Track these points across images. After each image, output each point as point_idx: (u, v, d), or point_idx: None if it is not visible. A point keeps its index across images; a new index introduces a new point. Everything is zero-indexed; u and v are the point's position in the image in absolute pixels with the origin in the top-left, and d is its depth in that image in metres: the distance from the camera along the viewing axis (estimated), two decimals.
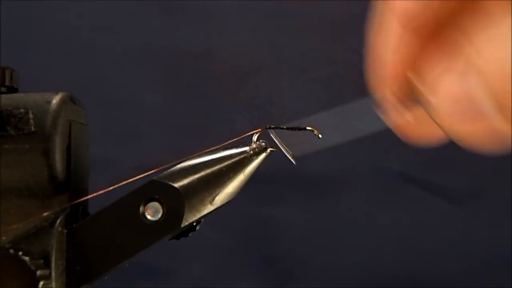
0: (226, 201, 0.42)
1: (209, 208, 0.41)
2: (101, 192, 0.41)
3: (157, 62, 1.09)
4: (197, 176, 0.40)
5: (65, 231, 0.41)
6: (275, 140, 0.38)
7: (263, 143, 0.43)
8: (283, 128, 0.42)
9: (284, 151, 0.38)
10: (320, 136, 0.41)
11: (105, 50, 1.08)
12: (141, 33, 1.09)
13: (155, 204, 0.40)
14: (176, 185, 0.40)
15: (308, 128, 0.42)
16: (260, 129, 0.42)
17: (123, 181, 0.41)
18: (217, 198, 0.41)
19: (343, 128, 0.37)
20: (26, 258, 0.39)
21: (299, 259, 1.07)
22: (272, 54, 1.09)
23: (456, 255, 1.05)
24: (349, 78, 1.09)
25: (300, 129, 0.42)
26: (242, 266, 1.07)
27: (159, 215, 0.40)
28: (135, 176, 0.41)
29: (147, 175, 0.41)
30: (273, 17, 1.09)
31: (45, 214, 0.41)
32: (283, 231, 1.07)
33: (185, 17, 1.09)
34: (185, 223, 0.40)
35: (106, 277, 0.42)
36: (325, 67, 1.09)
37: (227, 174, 0.41)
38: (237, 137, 0.42)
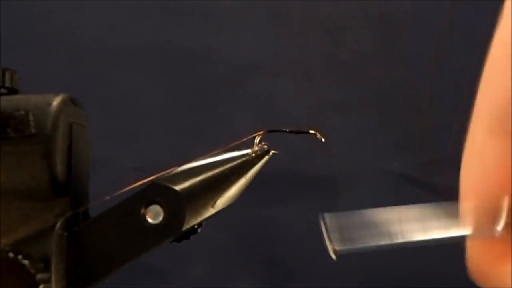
0: (227, 204, 0.41)
1: (210, 211, 0.41)
2: (105, 198, 0.41)
3: (157, 62, 1.08)
4: (198, 179, 0.40)
5: (66, 234, 0.41)
6: (323, 230, 0.35)
7: (265, 146, 0.43)
8: (285, 131, 0.42)
9: (327, 241, 0.36)
10: (323, 139, 0.41)
11: (105, 50, 1.08)
12: (141, 33, 1.08)
13: (156, 207, 0.40)
14: (177, 188, 0.40)
15: (310, 131, 0.42)
16: (262, 132, 0.42)
17: (127, 186, 0.41)
18: (218, 201, 0.41)
19: (419, 226, 0.34)
20: (26, 262, 0.39)
21: (299, 259, 1.07)
22: (272, 54, 1.09)
23: (456, 255, 1.05)
24: (349, 78, 1.09)
25: (302, 132, 0.42)
26: (242, 266, 1.07)
27: (160, 218, 0.40)
28: (138, 181, 0.40)
29: (150, 179, 0.41)
30: (273, 17, 1.09)
31: (46, 217, 0.40)
32: (283, 232, 1.07)
33: (185, 17, 1.09)
34: (186, 226, 0.40)
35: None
36: (325, 67, 1.09)
37: (229, 177, 0.41)
38: (239, 140, 0.42)
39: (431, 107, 1.07)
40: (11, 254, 0.39)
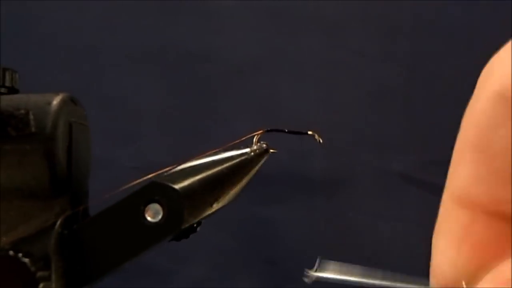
0: (226, 203, 0.41)
1: (209, 210, 0.41)
2: (104, 196, 0.41)
3: (157, 62, 1.09)
4: (197, 177, 0.40)
5: (66, 232, 0.41)
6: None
7: (264, 145, 0.43)
8: (284, 131, 0.42)
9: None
10: (321, 141, 0.41)
11: (105, 50, 1.08)
12: (140, 33, 1.09)
13: (155, 206, 0.40)
14: (177, 186, 0.40)
15: (309, 132, 0.42)
16: (261, 131, 0.42)
17: (126, 185, 0.41)
18: (217, 200, 0.41)
19: None
20: (26, 260, 0.39)
21: (299, 259, 1.07)
22: (272, 54, 1.09)
23: None
24: (349, 78, 1.09)
25: (301, 133, 0.42)
26: (242, 266, 1.07)
27: (159, 217, 0.40)
28: (137, 180, 0.41)
29: (150, 177, 0.41)
30: (273, 17, 1.09)
31: (46, 216, 0.40)
32: (283, 231, 1.07)
33: (185, 17, 1.09)
34: (185, 224, 0.40)
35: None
36: (325, 67, 1.09)
37: (228, 176, 0.41)
38: (238, 139, 0.42)
39: (431, 107, 1.07)
40: (11, 252, 0.39)
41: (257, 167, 0.42)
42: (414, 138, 1.07)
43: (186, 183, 0.40)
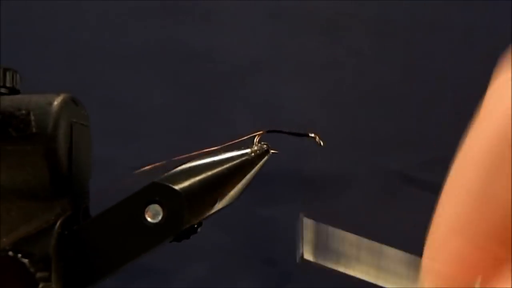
0: (227, 204, 0.42)
1: (210, 211, 0.41)
2: (105, 192, 0.41)
3: (157, 61, 1.08)
4: (198, 178, 0.40)
5: (66, 233, 0.41)
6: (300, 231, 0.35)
7: (265, 145, 0.43)
8: (285, 132, 0.42)
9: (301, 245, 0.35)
10: (322, 143, 0.41)
11: (106, 50, 1.08)
12: (141, 32, 1.09)
13: (156, 207, 0.40)
14: (177, 187, 0.40)
15: (310, 135, 0.42)
16: (262, 131, 0.42)
17: (124, 184, 0.41)
18: (218, 200, 0.41)
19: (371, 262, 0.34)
20: (26, 260, 0.39)
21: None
22: (272, 54, 1.09)
23: None
24: (349, 78, 1.09)
25: (302, 135, 0.42)
26: (242, 266, 1.07)
27: (160, 218, 0.40)
28: (134, 177, 0.41)
29: (145, 172, 0.41)
30: (273, 17, 1.09)
31: (46, 216, 0.40)
32: (283, 232, 1.07)
33: (185, 17, 1.09)
34: (185, 225, 0.40)
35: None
36: (325, 67, 1.09)
37: (228, 177, 0.41)
38: (238, 139, 0.42)
39: (430, 106, 1.07)
40: (11, 253, 0.39)
41: (258, 168, 0.42)
42: (413, 138, 1.07)
43: (186, 183, 0.40)
